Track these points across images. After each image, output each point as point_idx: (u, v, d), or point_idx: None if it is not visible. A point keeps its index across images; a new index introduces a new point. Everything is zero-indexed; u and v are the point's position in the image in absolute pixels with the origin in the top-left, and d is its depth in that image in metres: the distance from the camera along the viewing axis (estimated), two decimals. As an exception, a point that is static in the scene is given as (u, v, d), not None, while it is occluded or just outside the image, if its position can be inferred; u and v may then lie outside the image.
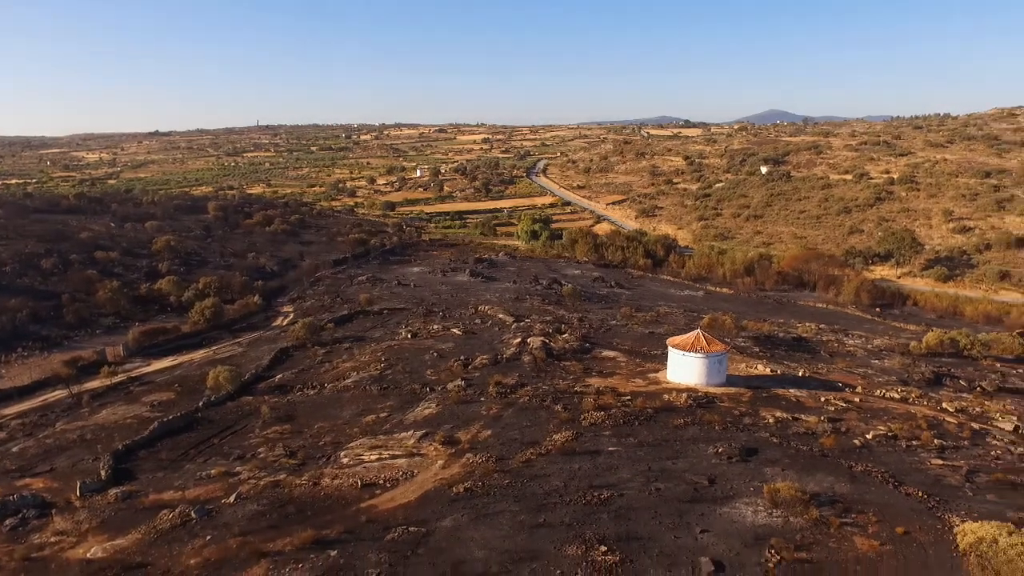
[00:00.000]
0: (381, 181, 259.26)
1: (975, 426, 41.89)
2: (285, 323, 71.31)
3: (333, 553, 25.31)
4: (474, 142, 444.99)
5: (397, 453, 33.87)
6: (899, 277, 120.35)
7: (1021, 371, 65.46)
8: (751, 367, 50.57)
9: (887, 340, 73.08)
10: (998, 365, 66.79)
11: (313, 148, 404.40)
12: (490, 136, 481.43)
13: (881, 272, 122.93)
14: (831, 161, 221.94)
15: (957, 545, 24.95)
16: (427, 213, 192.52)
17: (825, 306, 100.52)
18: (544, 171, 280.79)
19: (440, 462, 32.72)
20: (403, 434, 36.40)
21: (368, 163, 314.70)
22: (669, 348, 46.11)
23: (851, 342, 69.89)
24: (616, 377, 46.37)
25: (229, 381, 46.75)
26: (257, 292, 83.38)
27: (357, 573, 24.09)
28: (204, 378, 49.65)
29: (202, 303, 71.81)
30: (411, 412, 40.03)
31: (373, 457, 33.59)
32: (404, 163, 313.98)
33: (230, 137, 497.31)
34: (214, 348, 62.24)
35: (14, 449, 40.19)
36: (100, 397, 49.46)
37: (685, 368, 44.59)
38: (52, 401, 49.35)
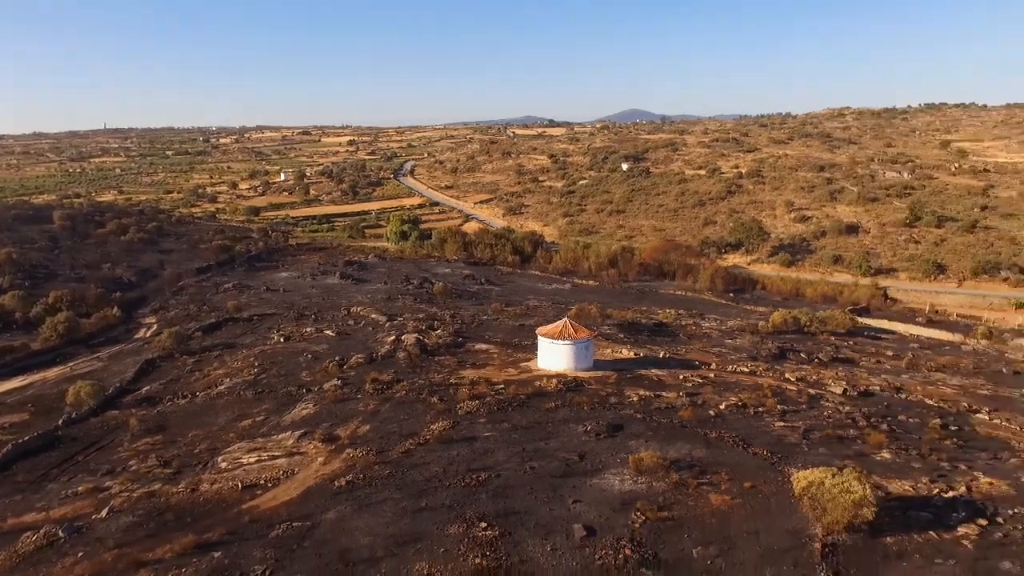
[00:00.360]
0: (244, 186, 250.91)
1: (811, 392, 46.55)
2: (148, 334, 68.66)
3: (217, 555, 25.50)
4: (340, 144, 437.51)
5: (276, 454, 34.12)
6: (749, 264, 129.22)
7: (851, 343, 72.56)
8: (616, 352, 53.65)
9: (739, 321, 78.84)
10: (832, 339, 73.70)
11: (168, 152, 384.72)
12: (356, 138, 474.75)
13: (733, 260, 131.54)
14: (686, 157, 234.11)
15: (793, 491, 28.15)
16: (293, 217, 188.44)
17: (684, 293, 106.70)
18: (412, 172, 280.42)
19: (321, 459, 33.27)
20: (281, 435, 36.61)
21: (229, 167, 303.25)
22: (539, 337, 48.33)
23: (707, 325, 74.97)
24: (489, 368, 48.14)
25: (91, 396, 45.01)
26: (115, 304, 79.60)
27: (243, 572, 24.42)
28: (62, 395, 47.40)
29: (54, 318, 67.99)
30: (288, 414, 40.17)
31: (252, 459, 33.68)
32: (267, 167, 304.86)
33: (74, 141, 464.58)
34: (71, 364, 59.25)
35: None
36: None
37: (554, 355, 46.91)
38: None
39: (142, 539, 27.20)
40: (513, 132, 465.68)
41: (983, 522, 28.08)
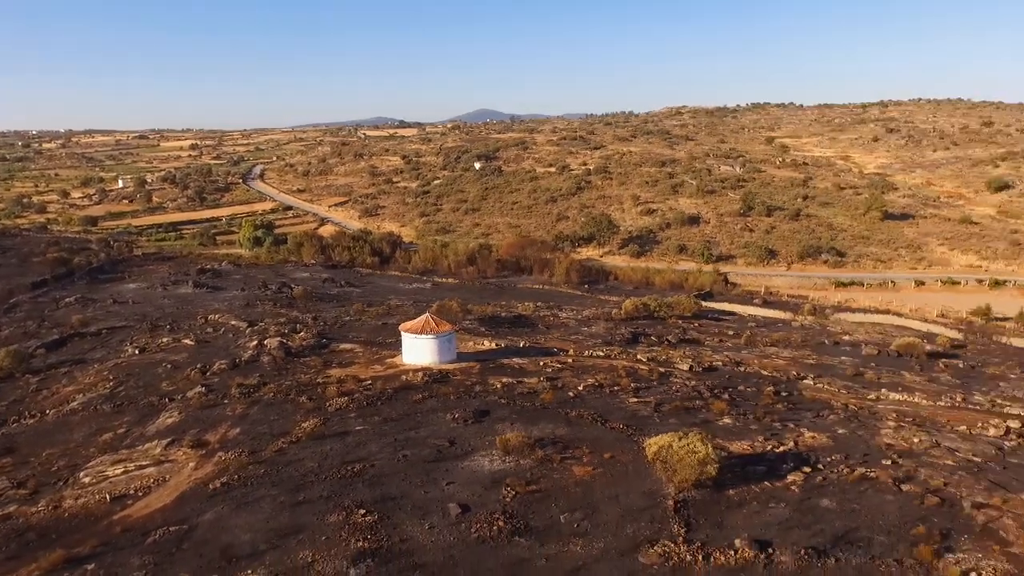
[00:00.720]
0: (76, 194, 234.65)
1: (661, 370, 50.28)
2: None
3: (90, 567, 24.95)
4: (181, 149, 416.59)
5: (144, 463, 33.36)
6: (601, 256, 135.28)
7: (696, 325, 78.11)
8: (478, 344, 55.51)
9: (594, 310, 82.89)
10: (680, 322, 79.01)
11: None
12: (199, 142, 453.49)
13: (586, 253, 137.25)
14: (537, 156, 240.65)
15: (647, 457, 30.87)
16: (136, 226, 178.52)
17: (541, 287, 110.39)
18: (262, 176, 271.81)
19: (192, 464, 32.89)
20: (147, 445, 35.72)
21: (57, 174, 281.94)
22: (402, 333, 49.36)
23: (564, 315, 78.38)
24: (355, 366, 48.65)
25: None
26: (-64, 326, 73.17)
27: (127, 570, 24.20)
28: None
29: None
30: (152, 424, 39.11)
31: (119, 471, 32.77)
32: (102, 173, 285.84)
33: None
34: None
35: None
36: None
37: (418, 350, 48.10)
38: None
39: (3, 561, 26.14)
40: (364, 133, 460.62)
41: (807, 470, 31.94)
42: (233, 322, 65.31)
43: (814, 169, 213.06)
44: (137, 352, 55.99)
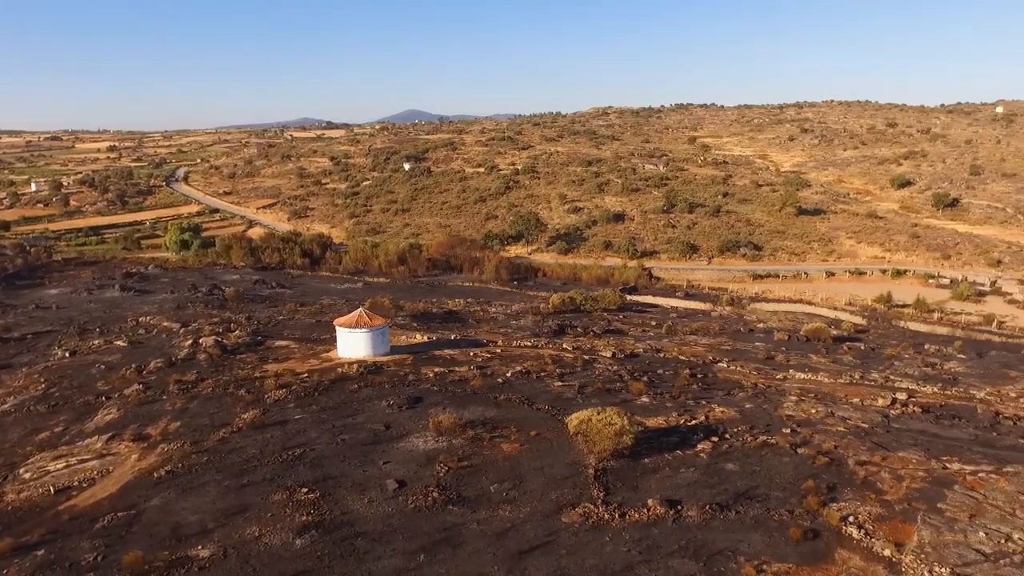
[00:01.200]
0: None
1: (586, 357, 53.12)
2: None
3: (40, 553, 26.04)
4: (99, 151, 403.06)
5: (86, 457, 34.18)
6: (530, 254, 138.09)
7: (621, 317, 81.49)
8: (411, 338, 57.36)
9: (523, 305, 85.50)
10: (605, 315, 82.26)
11: None
12: (117, 144, 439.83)
13: (515, 251, 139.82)
14: (466, 156, 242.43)
15: (570, 433, 33.43)
16: (54, 231, 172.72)
17: (472, 284, 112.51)
18: (186, 179, 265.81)
19: (135, 456, 33.93)
20: (87, 440, 36.45)
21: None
22: (336, 327, 50.87)
23: (493, 310, 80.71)
24: (291, 361, 49.93)
25: None
26: None
27: (72, 562, 25.33)
28: None
29: None
30: (90, 421, 39.71)
31: (60, 465, 33.52)
32: (12, 176, 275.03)
33: None
34: None
35: None
36: None
37: (353, 343, 49.70)
38: None
39: (-50, 551, 26.92)
40: (291, 135, 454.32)
41: (715, 439, 35.04)
42: (165, 323, 65.44)
43: (734, 167, 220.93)
44: (68, 355, 55.82)
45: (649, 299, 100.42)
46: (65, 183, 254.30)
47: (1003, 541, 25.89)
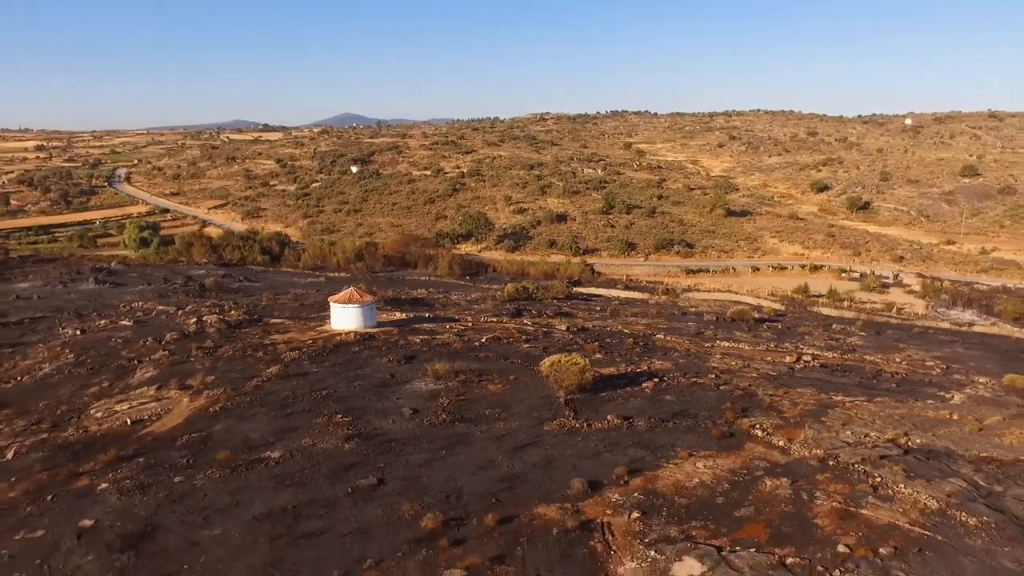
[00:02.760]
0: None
1: (544, 330, 61.99)
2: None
3: (140, 460, 33.33)
4: (25, 150, 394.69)
5: (144, 401, 41.23)
6: (480, 251, 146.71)
7: (568, 304, 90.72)
8: (391, 315, 65.29)
9: (480, 294, 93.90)
10: (555, 302, 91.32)
11: None
12: (45, 143, 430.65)
13: (465, 248, 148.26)
14: (411, 159, 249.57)
15: (543, 376, 42.11)
16: (0, 229, 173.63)
17: (427, 278, 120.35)
18: (128, 179, 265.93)
19: (186, 399, 41.14)
20: (138, 391, 43.41)
21: None
22: (331, 303, 58.48)
23: (455, 297, 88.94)
24: (292, 332, 57.30)
25: (-91, 388, 47.07)
26: None
27: (170, 464, 32.73)
28: None
29: None
30: (132, 378, 46.48)
31: (125, 407, 40.48)
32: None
33: None
34: None
35: None
36: None
37: (346, 317, 57.39)
38: None
39: (65, 463, 33.90)
40: (228, 137, 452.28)
41: (656, 380, 44.24)
42: (160, 307, 71.66)
43: (667, 172, 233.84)
44: (79, 333, 61.79)
45: (593, 291, 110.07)
46: (2, 182, 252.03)
47: (862, 437, 35.66)
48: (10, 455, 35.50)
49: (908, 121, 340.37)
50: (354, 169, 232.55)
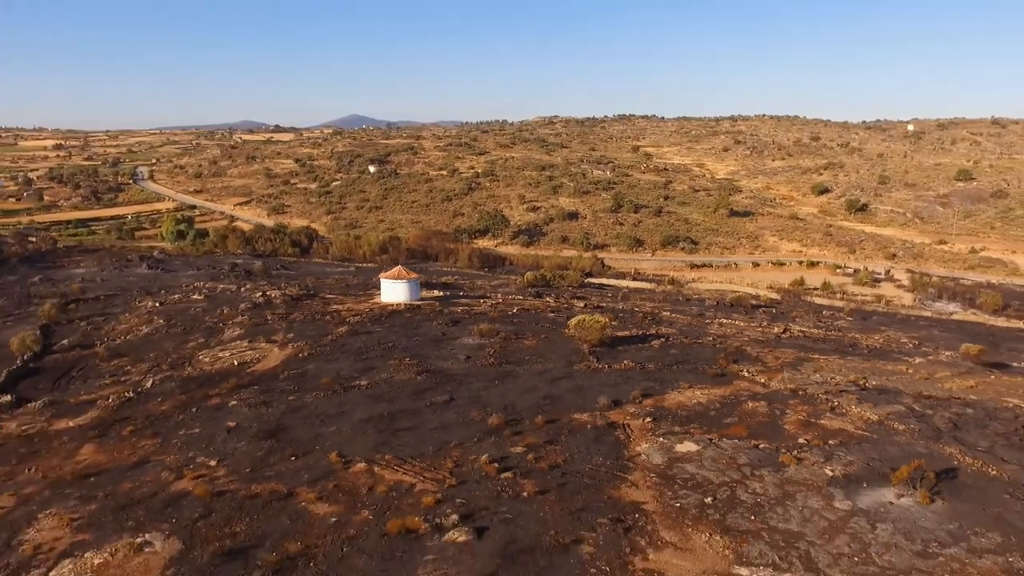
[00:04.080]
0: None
1: (565, 306, 70.92)
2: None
3: (256, 387, 42.34)
4: (45, 148, 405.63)
5: (242, 350, 50.17)
6: (496, 246, 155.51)
7: (582, 291, 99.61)
8: (430, 293, 74.24)
9: (501, 282, 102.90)
10: (570, 289, 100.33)
11: None
12: (63, 142, 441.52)
13: (482, 243, 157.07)
14: (427, 160, 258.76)
15: (570, 332, 50.98)
16: (40, 223, 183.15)
17: (449, 269, 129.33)
18: (151, 177, 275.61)
19: (276, 349, 50.11)
20: (233, 344, 52.41)
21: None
22: (382, 279, 67.49)
23: (480, 283, 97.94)
24: (348, 304, 66.23)
25: (35, 343, 55.94)
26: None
27: (280, 390, 41.66)
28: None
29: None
30: (224, 335, 55.50)
31: (227, 354, 49.41)
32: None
33: None
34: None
35: None
36: None
37: (395, 291, 66.33)
38: None
39: (195, 389, 42.92)
40: (240, 137, 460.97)
41: (662, 340, 53.16)
42: (221, 286, 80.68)
43: (673, 174, 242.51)
44: (158, 304, 70.83)
45: (604, 281, 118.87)
46: (33, 179, 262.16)
47: (829, 379, 44.51)
48: (148, 384, 44.58)
49: (911, 127, 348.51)
50: (372, 169, 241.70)
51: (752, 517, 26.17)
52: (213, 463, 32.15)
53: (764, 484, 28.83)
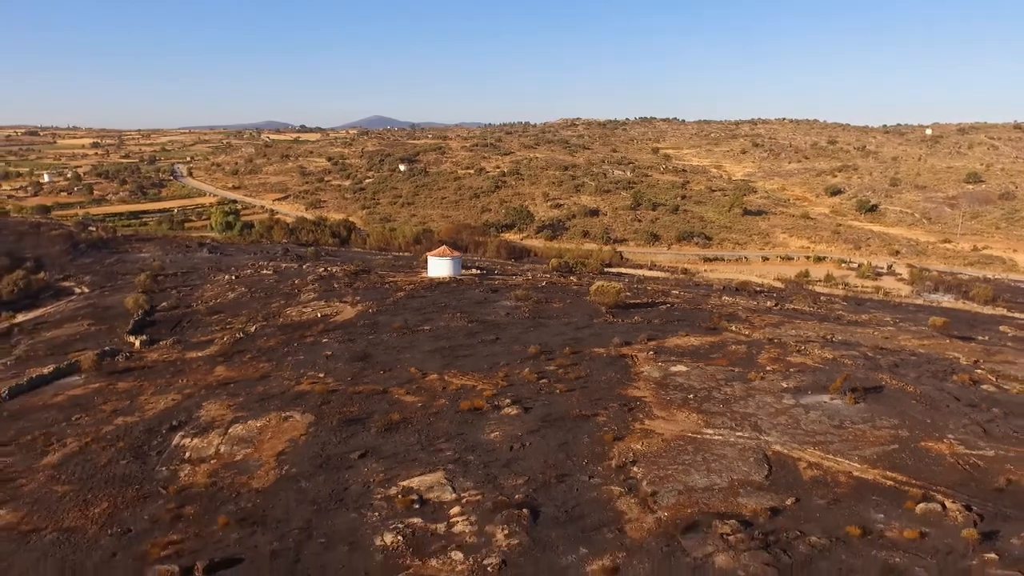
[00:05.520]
0: (6, 187, 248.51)
1: (588, 283, 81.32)
2: (86, 290, 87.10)
3: (339, 331, 53.13)
4: (83, 147, 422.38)
5: (320, 307, 60.99)
6: (522, 239, 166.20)
7: (602, 276, 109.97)
8: (469, 270, 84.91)
9: (528, 267, 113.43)
10: (591, 275, 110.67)
11: None
12: (99, 140, 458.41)
13: (509, 237, 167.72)
14: (454, 159, 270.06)
15: (590, 297, 61.35)
16: (94, 215, 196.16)
17: (479, 259, 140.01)
18: (190, 174, 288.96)
19: (348, 307, 60.91)
20: (310, 304, 63.25)
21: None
22: (429, 257, 78.26)
23: (510, 268, 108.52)
24: (400, 277, 77.02)
25: (146, 303, 67.18)
26: (27, 272, 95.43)
27: (359, 333, 52.40)
28: (97, 313, 68.67)
29: (12, 275, 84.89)
30: (300, 299, 66.40)
31: (308, 311, 60.25)
32: (9, 169, 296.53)
33: None
34: (60, 304, 78.28)
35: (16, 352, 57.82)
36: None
37: (440, 267, 77.03)
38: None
39: (292, 332, 53.77)
40: (269, 137, 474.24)
41: (668, 306, 63.40)
42: (284, 264, 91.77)
43: (691, 175, 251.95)
44: (235, 277, 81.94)
45: (622, 270, 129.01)
46: (81, 175, 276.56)
47: (801, 335, 54.54)
48: (252, 329, 55.53)
49: (928, 131, 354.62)
50: (403, 167, 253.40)
51: (721, 406, 36.49)
52: (322, 375, 42.97)
53: (733, 389, 39.11)
